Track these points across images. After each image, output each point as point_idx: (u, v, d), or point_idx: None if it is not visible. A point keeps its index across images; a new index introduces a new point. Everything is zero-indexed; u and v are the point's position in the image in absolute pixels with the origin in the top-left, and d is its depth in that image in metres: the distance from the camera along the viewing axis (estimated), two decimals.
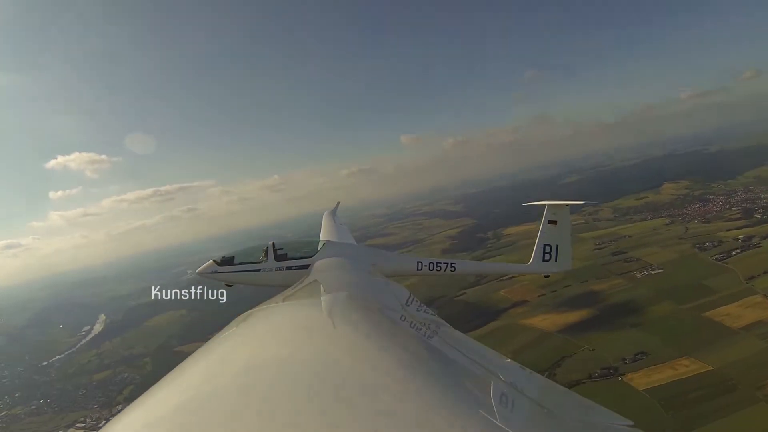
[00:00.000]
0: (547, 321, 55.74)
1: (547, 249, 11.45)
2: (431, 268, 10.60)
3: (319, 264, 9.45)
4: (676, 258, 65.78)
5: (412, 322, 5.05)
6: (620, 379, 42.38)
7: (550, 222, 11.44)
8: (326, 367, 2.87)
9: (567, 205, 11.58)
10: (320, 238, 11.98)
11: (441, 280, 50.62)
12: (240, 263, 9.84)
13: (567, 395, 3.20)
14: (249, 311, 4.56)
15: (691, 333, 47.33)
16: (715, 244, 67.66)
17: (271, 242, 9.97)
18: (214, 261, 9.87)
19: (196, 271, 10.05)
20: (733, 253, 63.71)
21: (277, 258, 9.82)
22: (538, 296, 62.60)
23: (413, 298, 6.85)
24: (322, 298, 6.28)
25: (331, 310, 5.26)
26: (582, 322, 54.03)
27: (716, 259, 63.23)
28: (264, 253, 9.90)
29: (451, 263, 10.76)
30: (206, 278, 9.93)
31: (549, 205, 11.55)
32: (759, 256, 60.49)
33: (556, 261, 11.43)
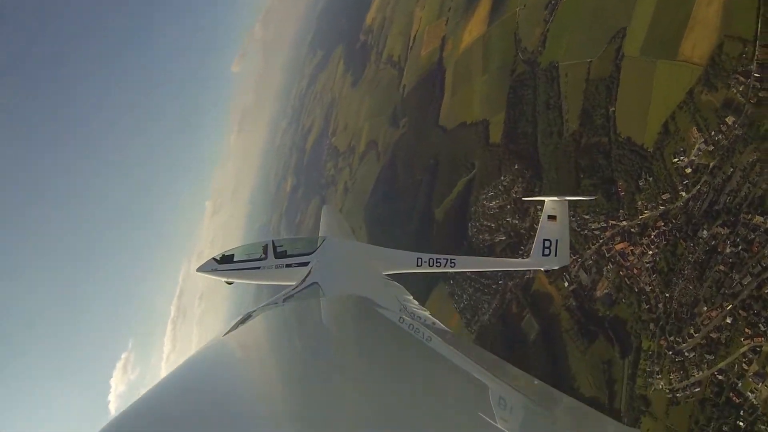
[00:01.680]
0: None
1: (547, 244, 11.49)
2: (431, 264, 10.65)
3: (319, 262, 9.47)
4: None
5: (410, 324, 5.04)
6: None
7: (549, 217, 11.51)
8: (325, 367, 2.87)
9: (567, 200, 11.75)
10: (319, 235, 11.85)
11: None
12: (240, 261, 9.86)
13: (564, 400, 3.22)
14: (249, 311, 4.54)
15: None
16: None
17: (271, 240, 10.01)
18: (213, 259, 9.87)
19: (196, 268, 10.05)
20: None
21: (277, 255, 9.82)
22: None
23: (411, 299, 6.66)
24: (321, 299, 6.20)
25: (330, 311, 5.22)
26: None
27: None
28: (263, 250, 9.88)
29: (451, 259, 10.82)
30: (206, 276, 9.91)
31: (548, 200, 11.70)
32: None
33: (555, 256, 11.46)
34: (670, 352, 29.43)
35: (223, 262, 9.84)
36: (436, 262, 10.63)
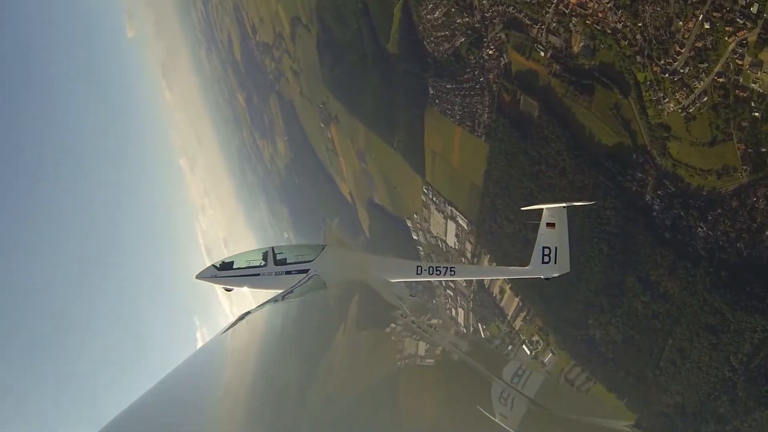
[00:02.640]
0: None
1: (546, 251, 11.59)
2: (431, 272, 10.78)
3: (319, 269, 9.63)
4: None
5: (412, 320, 5.84)
6: None
7: (548, 225, 11.65)
8: (326, 364, 4.31)
9: (565, 207, 11.89)
10: (320, 243, 11.96)
11: None
12: (239, 268, 9.98)
13: (567, 394, 3.96)
14: (249, 309, 4.34)
15: None
16: None
17: (271, 247, 10.20)
18: (213, 266, 10.10)
19: (195, 275, 10.25)
20: None
21: (277, 263, 9.96)
22: None
23: (413, 298, 8.74)
24: (322, 297, 7.88)
25: (331, 308, 6.36)
26: None
27: None
28: (263, 257, 10.06)
29: (451, 267, 11.01)
30: (206, 282, 10.26)
31: (547, 208, 11.83)
32: None
33: (555, 263, 11.55)
34: (667, 75, 30.21)
35: (223, 269, 10.01)
36: (436, 270, 10.85)
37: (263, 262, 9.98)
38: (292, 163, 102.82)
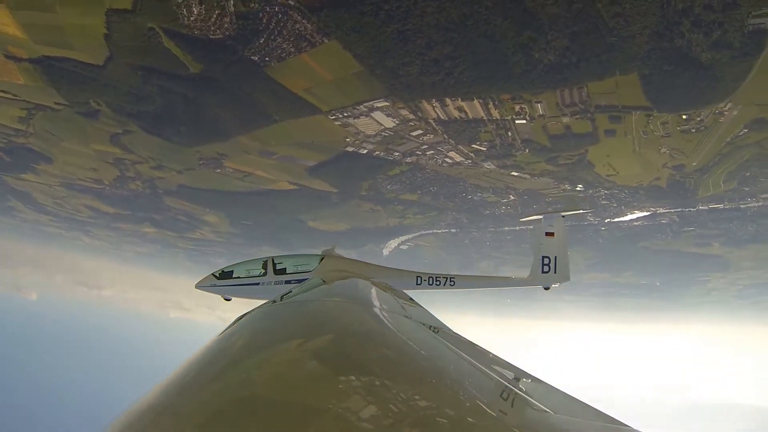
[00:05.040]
0: None
1: (546, 261, 11.63)
2: (430, 283, 10.94)
3: (319, 278, 9.75)
4: None
5: (414, 323, 5.17)
6: None
7: (547, 234, 11.72)
8: (326, 366, 2.88)
9: (563, 215, 11.94)
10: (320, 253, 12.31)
11: None
12: (238, 277, 10.15)
13: (566, 399, 3.25)
14: (249, 310, 4.55)
15: None
16: None
17: (271, 257, 10.36)
18: (213, 275, 10.30)
19: (195, 284, 10.40)
20: None
21: (277, 272, 10.13)
22: None
23: (414, 302, 7.06)
24: (322, 297, 6.24)
25: (331, 309, 5.18)
26: None
27: None
28: (263, 266, 10.25)
29: (451, 277, 11.07)
30: (205, 292, 10.41)
31: (546, 216, 11.93)
32: None
33: (555, 272, 11.56)
34: None
35: (222, 278, 10.14)
36: (436, 281, 10.97)
37: (263, 272, 10.22)
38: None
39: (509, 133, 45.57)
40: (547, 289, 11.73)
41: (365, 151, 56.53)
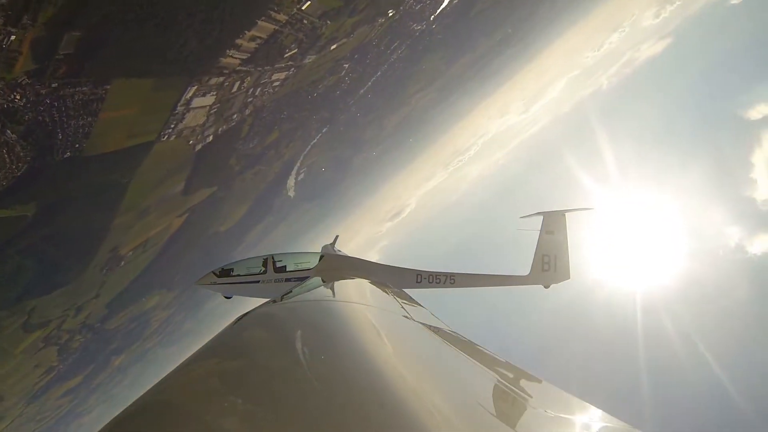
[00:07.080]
0: None
1: (546, 259, 11.44)
2: (431, 281, 10.71)
3: (319, 276, 9.58)
4: None
5: (413, 323, 5.16)
6: None
7: (547, 232, 11.54)
8: (327, 366, 2.83)
9: (563, 213, 11.77)
10: (320, 251, 11.84)
11: None
12: (239, 275, 10.00)
13: (566, 399, 3.22)
14: (249, 311, 4.52)
15: None
16: None
17: (271, 255, 10.21)
18: (212, 272, 10.08)
19: (195, 282, 10.27)
20: None
21: (277, 270, 9.99)
22: None
23: (414, 301, 7.10)
24: (322, 298, 6.31)
25: (331, 309, 5.20)
26: None
27: None
28: (263, 264, 10.08)
29: (451, 275, 10.86)
30: (205, 289, 10.29)
31: (546, 214, 11.71)
32: None
33: (555, 271, 11.42)
34: None
35: (222, 276, 10.01)
36: (436, 279, 10.78)
37: (263, 269, 10.05)
38: None
39: (304, 21, 47.33)
40: (547, 287, 11.61)
41: (211, 137, 56.45)
